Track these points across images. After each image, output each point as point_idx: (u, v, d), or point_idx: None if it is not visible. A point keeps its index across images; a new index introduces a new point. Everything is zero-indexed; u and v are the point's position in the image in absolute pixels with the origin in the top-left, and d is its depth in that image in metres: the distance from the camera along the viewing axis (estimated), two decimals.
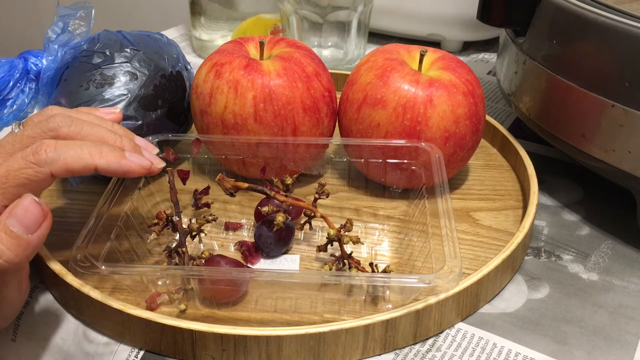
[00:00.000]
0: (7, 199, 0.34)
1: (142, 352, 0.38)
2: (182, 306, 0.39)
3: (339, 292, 0.39)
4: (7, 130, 0.46)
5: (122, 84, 0.47)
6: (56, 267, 0.40)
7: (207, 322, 0.36)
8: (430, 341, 0.39)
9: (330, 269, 0.40)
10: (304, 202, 0.43)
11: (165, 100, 0.49)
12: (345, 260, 0.41)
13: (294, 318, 0.39)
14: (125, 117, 0.46)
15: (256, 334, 0.36)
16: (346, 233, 0.40)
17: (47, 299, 0.42)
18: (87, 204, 0.49)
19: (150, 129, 0.48)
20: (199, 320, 0.37)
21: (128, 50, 0.49)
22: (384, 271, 0.40)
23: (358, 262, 0.40)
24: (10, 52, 0.59)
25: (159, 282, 0.39)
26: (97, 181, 0.50)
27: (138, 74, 0.48)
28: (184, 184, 0.46)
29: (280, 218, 0.41)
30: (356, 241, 0.40)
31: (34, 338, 0.40)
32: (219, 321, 0.38)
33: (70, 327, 0.40)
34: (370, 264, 0.40)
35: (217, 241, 0.46)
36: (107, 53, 0.48)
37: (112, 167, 0.36)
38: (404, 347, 0.38)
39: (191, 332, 0.36)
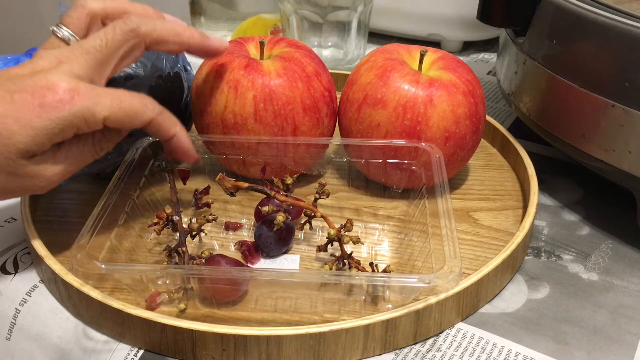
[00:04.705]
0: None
1: (141, 352, 0.38)
2: (182, 306, 0.39)
3: (339, 292, 0.39)
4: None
5: (116, 84, 0.47)
6: (56, 266, 0.40)
7: (207, 322, 0.36)
8: (430, 341, 0.39)
9: (330, 269, 0.40)
10: (304, 202, 0.43)
11: (161, 102, 0.49)
12: (345, 260, 0.41)
13: (294, 318, 0.39)
14: None
15: (256, 334, 0.36)
16: (346, 233, 0.40)
17: (46, 299, 0.42)
18: (87, 204, 0.48)
19: (144, 129, 0.47)
20: (199, 320, 0.37)
21: None
22: (384, 271, 0.40)
23: (358, 262, 0.40)
24: (10, 52, 0.59)
25: (159, 282, 0.39)
26: (97, 181, 0.50)
27: (133, 74, 0.48)
28: (185, 183, 0.46)
29: (280, 218, 0.41)
30: (356, 241, 0.40)
31: (30, 337, 0.40)
32: (219, 321, 0.38)
33: (69, 326, 0.40)
34: (371, 264, 0.40)
35: (217, 241, 0.46)
36: None
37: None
38: (404, 347, 0.38)
39: (191, 332, 0.36)
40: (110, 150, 0.41)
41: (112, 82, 0.47)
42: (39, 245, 0.42)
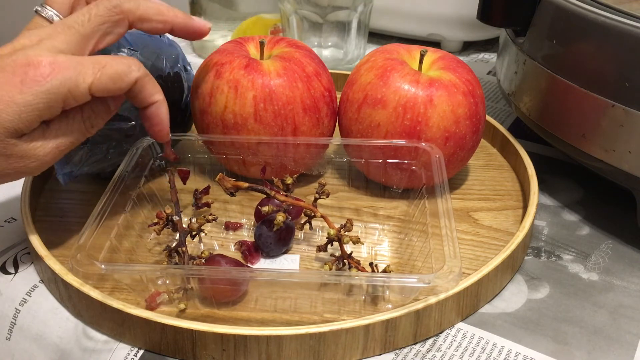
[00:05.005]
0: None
1: (141, 352, 0.38)
2: (182, 305, 0.39)
3: (338, 292, 0.39)
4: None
5: None
6: (56, 266, 0.40)
7: (207, 322, 0.36)
8: (430, 341, 0.39)
9: (330, 269, 0.40)
10: (304, 202, 0.43)
11: None
12: (345, 260, 0.41)
13: (294, 318, 0.39)
14: (119, 118, 0.46)
15: (256, 334, 0.36)
16: (346, 233, 0.40)
17: (46, 299, 0.42)
18: (87, 204, 0.49)
19: (144, 129, 0.47)
20: (199, 320, 0.37)
21: (125, 50, 0.48)
22: (384, 271, 0.40)
23: (358, 262, 0.40)
24: None
25: (159, 282, 0.39)
26: (97, 181, 0.50)
27: None
28: (184, 183, 0.46)
29: (280, 218, 0.41)
30: (356, 241, 0.40)
31: (30, 337, 0.40)
32: (219, 321, 0.38)
33: (69, 326, 0.40)
34: (370, 264, 0.40)
35: (217, 241, 0.46)
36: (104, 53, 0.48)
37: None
38: (404, 347, 0.38)
39: (191, 332, 0.36)
40: (100, 127, 0.40)
41: None
42: (39, 245, 0.42)
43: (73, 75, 0.36)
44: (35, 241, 0.42)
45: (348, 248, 0.43)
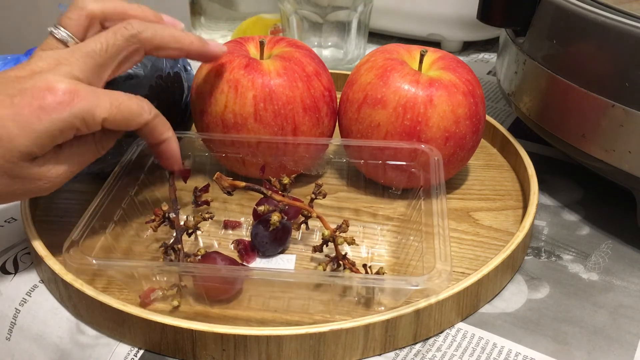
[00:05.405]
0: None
1: (141, 352, 0.38)
2: (175, 302, 0.39)
3: (331, 293, 0.39)
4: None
5: (116, 84, 0.47)
6: (56, 266, 0.40)
7: (207, 322, 0.36)
8: (430, 341, 0.39)
9: (324, 270, 0.40)
10: (302, 202, 0.43)
11: (162, 102, 0.49)
12: (340, 261, 0.41)
13: (294, 318, 0.39)
14: None
15: (256, 334, 0.36)
16: (341, 234, 0.40)
17: (46, 299, 0.41)
18: (87, 204, 0.48)
19: None
20: (199, 320, 0.37)
21: None
22: (377, 273, 0.40)
23: (353, 263, 0.40)
24: (10, 52, 0.59)
25: (154, 278, 0.39)
26: (97, 181, 0.50)
27: (133, 74, 0.48)
28: (185, 182, 0.46)
29: (275, 217, 0.41)
30: (350, 242, 0.40)
31: (29, 337, 0.40)
32: (219, 321, 0.38)
33: (68, 326, 0.40)
34: (364, 266, 0.40)
35: (216, 239, 0.46)
36: None
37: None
38: (404, 347, 0.38)
39: (191, 332, 0.36)
40: (111, 147, 0.41)
41: (113, 82, 0.47)
42: (39, 245, 0.42)
43: (90, 107, 0.37)
44: (35, 241, 0.42)
45: (347, 249, 0.43)
